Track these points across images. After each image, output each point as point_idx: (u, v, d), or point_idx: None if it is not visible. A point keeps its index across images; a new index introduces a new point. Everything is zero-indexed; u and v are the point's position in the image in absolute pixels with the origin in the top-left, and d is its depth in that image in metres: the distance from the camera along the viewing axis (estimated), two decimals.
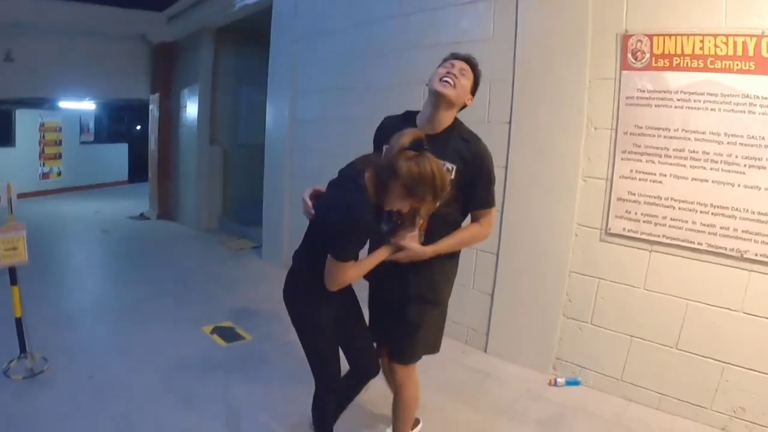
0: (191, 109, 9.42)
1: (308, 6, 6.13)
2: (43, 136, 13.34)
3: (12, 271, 3.65)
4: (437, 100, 2.29)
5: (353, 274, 2.17)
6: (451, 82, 2.27)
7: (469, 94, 2.38)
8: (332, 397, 2.48)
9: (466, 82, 2.34)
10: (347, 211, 2.04)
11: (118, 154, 16.28)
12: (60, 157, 13.80)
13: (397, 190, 2.02)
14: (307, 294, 2.29)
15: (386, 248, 2.25)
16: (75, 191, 13.79)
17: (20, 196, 4.30)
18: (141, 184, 13.05)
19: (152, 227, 9.63)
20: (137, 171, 15.29)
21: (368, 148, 2.51)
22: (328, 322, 2.31)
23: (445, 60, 2.40)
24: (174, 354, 4.04)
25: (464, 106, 2.41)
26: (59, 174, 13.76)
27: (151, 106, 10.69)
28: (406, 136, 2.00)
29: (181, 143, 9.98)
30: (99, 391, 3.43)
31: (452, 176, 2.25)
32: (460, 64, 2.34)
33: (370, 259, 2.25)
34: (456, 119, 2.39)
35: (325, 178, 2.35)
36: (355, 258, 2.13)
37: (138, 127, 16.76)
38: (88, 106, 14.40)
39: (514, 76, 3.97)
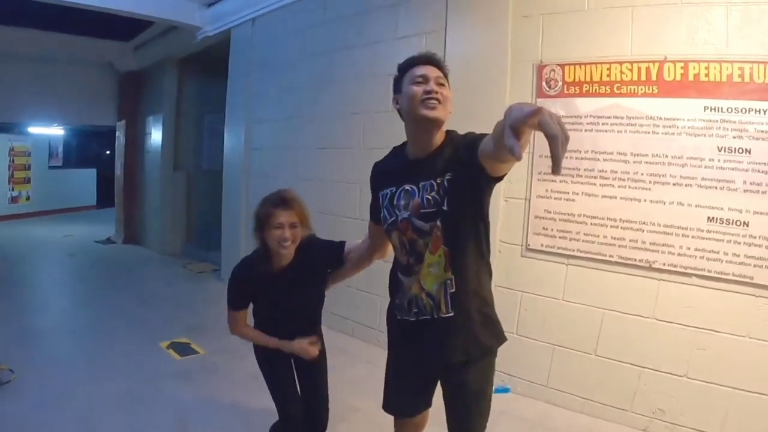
0: (156, 136, 9.58)
1: (263, 39, 6.44)
2: (13, 160, 13.47)
3: None
4: (430, 125, 1.96)
5: (242, 330, 2.61)
6: (436, 102, 1.93)
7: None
8: (282, 425, 2.70)
9: (447, 91, 2.00)
10: (235, 266, 2.58)
11: (86, 179, 16.39)
12: (29, 181, 13.91)
13: (258, 231, 2.48)
14: (256, 350, 2.67)
15: (282, 342, 2.54)
16: (44, 215, 13.86)
17: None
18: (109, 209, 13.10)
19: (118, 251, 9.77)
20: (105, 196, 15.30)
21: (318, 172, 2.70)
22: (270, 373, 2.67)
23: (407, 69, 2.05)
24: (131, 366, 4.26)
25: None
26: (28, 198, 13.85)
27: (117, 133, 10.85)
28: None
29: (146, 169, 10.13)
30: (61, 398, 3.67)
31: (451, 183, 1.91)
32: (434, 75, 1.97)
33: (261, 335, 2.59)
34: (448, 131, 2.05)
35: None
36: (235, 308, 2.56)
37: (107, 152, 16.79)
38: (56, 131, 14.54)
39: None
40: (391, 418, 2.35)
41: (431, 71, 1.99)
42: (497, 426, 3.48)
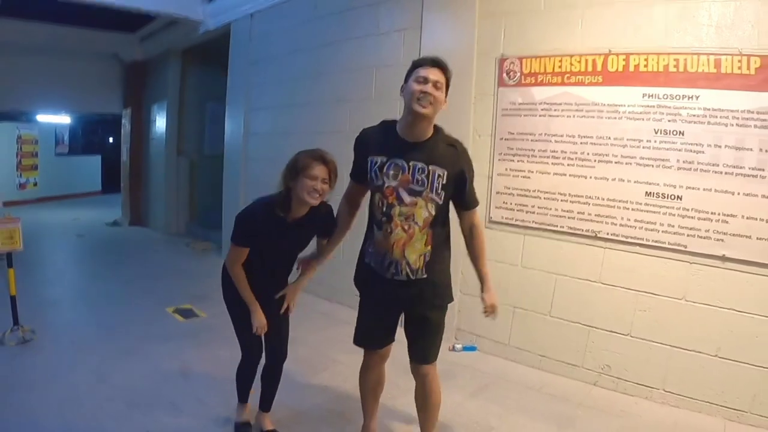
0: (160, 123, 9.99)
1: (260, 34, 6.87)
2: (21, 147, 13.72)
3: (9, 257, 4.36)
4: (416, 118, 2.38)
5: (238, 270, 2.73)
6: (427, 102, 2.33)
7: (444, 101, 2.44)
8: (244, 361, 3.04)
9: (441, 94, 2.38)
10: (248, 205, 2.76)
11: (91, 166, 16.71)
12: (36, 168, 14.17)
13: (288, 177, 2.62)
14: (224, 278, 2.91)
15: (253, 303, 2.77)
16: (51, 201, 14.16)
17: None
18: (114, 194, 13.51)
19: (124, 232, 10.27)
20: (110, 181, 15.67)
21: None
22: (237, 314, 2.91)
23: (417, 66, 2.43)
24: (140, 327, 4.77)
25: None
26: (35, 184, 14.11)
27: (123, 120, 11.24)
28: None
29: (151, 155, 10.56)
30: (77, 353, 4.15)
31: (444, 180, 2.43)
32: (434, 77, 2.36)
33: (245, 285, 2.76)
34: (436, 126, 2.49)
35: (274, 184, 2.71)
36: (241, 244, 2.69)
37: (111, 140, 17.17)
38: (63, 119, 14.86)
39: None
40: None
41: (433, 74, 2.37)
42: (462, 379, 3.93)
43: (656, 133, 3.57)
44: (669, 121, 3.53)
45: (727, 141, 3.35)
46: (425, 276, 2.52)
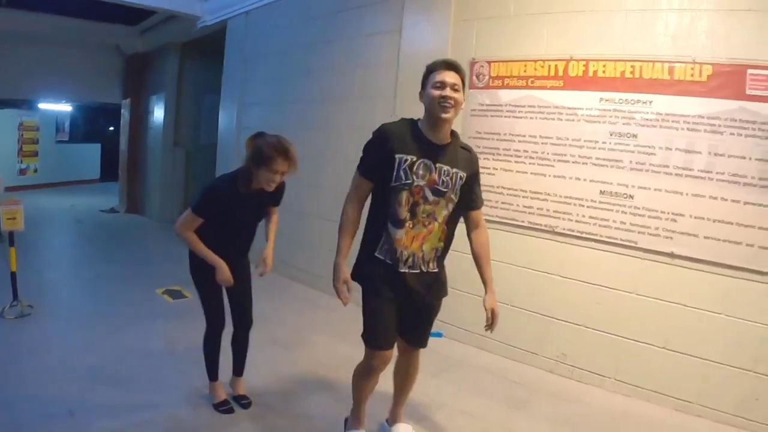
0: (158, 114, 10.26)
1: (255, 31, 7.16)
2: (22, 134, 13.87)
3: (11, 236, 4.68)
4: (442, 123, 2.50)
5: (189, 233, 2.92)
6: (449, 107, 2.44)
7: (463, 100, 2.54)
8: (209, 330, 3.26)
9: (460, 95, 2.49)
10: (214, 180, 3.06)
11: (91, 153, 16.90)
12: (37, 154, 14.31)
13: (252, 163, 2.86)
14: (192, 258, 3.10)
15: (221, 267, 2.96)
16: (50, 187, 14.33)
17: None
18: (112, 183, 13.72)
19: (121, 219, 10.59)
20: (109, 169, 15.80)
21: (299, 150, 3.12)
22: (201, 280, 3.12)
23: (431, 72, 2.52)
24: (131, 305, 5.09)
25: None
26: (35, 171, 14.25)
27: (122, 110, 11.52)
28: None
29: (148, 144, 10.82)
30: (70, 326, 4.58)
31: (462, 182, 2.58)
32: (451, 80, 2.46)
33: (200, 244, 2.94)
34: (452, 130, 2.63)
35: None
36: (199, 215, 2.89)
37: (111, 128, 17.27)
38: (64, 107, 15.10)
39: (396, 92, 4.97)
40: (334, 346, 3.07)
41: (449, 77, 2.45)
42: (425, 362, 4.00)
43: (611, 135, 3.79)
44: (623, 124, 3.75)
45: (678, 144, 3.56)
46: (436, 270, 2.69)
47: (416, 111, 2.69)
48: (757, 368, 3.34)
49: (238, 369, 3.41)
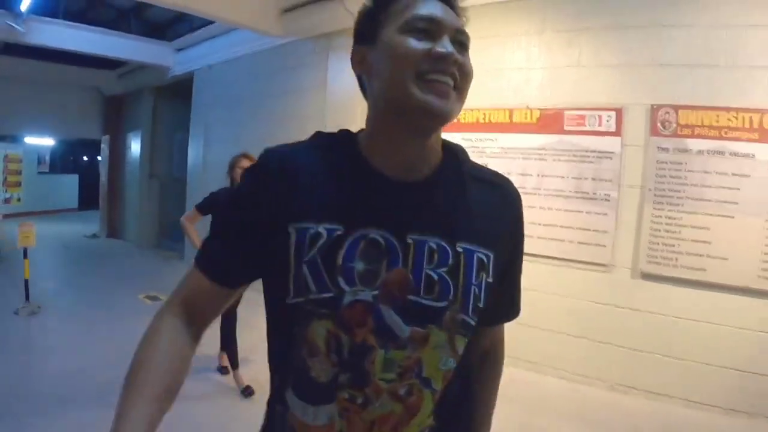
0: (135, 149, 11.34)
1: (216, 82, 8.50)
2: (6, 165, 14.65)
3: (25, 251, 5.98)
4: (430, 123, 1.03)
5: (188, 224, 3.95)
6: (449, 86, 1.03)
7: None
8: (225, 323, 4.15)
9: (469, 63, 1.27)
10: (215, 191, 4.06)
11: (70, 184, 17.86)
12: (20, 185, 14.93)
13: (229, 171, 4.00)
14: None
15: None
16: (32, 215, 14.73)
17: None
18: (89, 211, 14.73)
19: (103, 243, 11.87)
20: (86, 199, 16.75)
21: None
22: None
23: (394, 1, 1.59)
24: (117, 307, 6.36)
25: None
26: (19, 200, 14.84)
27: (102, 146, 12.69)
28: None
29: (126, 176, 11.94)
30: (69, 321, 5.85)
31: (488, 276, 0.99)
32: (451, 26, 0.90)
33: (196, 235, 3.88)
34: (446, 142, 1.17)
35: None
36: (201, 212, 3.87)
37: (86, 160, 18.35)
38: (46, 141, 16.12)
39: (326, 114, 6.14)
40: None
41: (447, 15, 0.93)
42: None
43: None
44: (478, 156, 4.74)
45: (515, 169, 4.72)
46: None
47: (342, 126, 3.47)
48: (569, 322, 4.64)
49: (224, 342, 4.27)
